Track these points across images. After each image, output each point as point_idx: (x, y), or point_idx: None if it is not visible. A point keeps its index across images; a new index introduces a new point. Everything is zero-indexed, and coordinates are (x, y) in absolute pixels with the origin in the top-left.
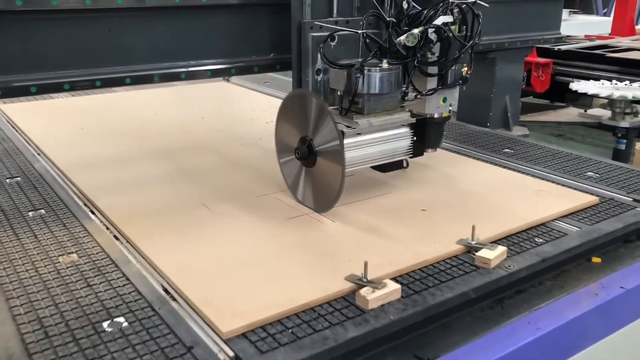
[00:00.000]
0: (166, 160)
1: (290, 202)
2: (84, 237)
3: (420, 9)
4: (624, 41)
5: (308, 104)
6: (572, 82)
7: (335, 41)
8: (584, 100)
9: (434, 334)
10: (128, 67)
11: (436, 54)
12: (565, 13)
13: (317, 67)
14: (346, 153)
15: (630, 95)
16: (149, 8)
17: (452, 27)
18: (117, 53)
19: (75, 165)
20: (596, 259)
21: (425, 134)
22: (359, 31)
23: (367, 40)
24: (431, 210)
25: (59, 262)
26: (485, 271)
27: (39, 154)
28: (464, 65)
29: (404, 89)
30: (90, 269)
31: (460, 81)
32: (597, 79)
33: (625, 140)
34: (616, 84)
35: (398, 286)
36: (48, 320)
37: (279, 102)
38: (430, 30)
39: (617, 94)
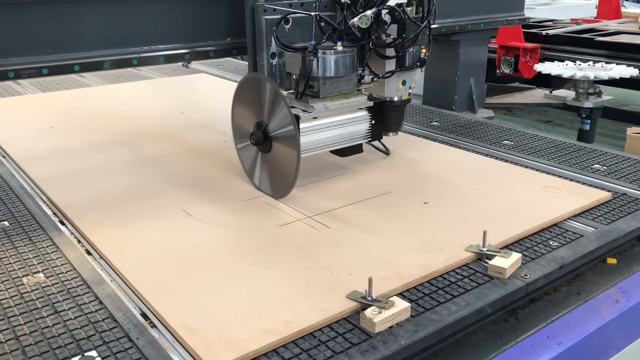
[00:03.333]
0: (143, 161)
1: (280, 207)
2: (52, 252)
3: None
4: (611, 24)
5: (262, 89)
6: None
7: (290, 24)
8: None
9: (445, 352)
10: (76, 53)
11: (392, 36)
12: None
13: (271, 50)
14: (302, 137)
15: (592, 75)
16: None
17: (409, 9)
18: (64, 39)
19: (44, 169)
20: (611, 260)
21: (385, 118)
22: (312, 13)
23: (322, 23)
24: (434, 211)
25: (23, 283)
26: (500, 282)
27: (3, 157)
28: (423, 47)
29: (360, 71)
30: (58, 292)
31: (418, 63)
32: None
33: (589, 121)
34: (580, 64)
35: (407, 304)
36: (7, 358)
37: None
38: (384, 12)
39: (579, 75)
